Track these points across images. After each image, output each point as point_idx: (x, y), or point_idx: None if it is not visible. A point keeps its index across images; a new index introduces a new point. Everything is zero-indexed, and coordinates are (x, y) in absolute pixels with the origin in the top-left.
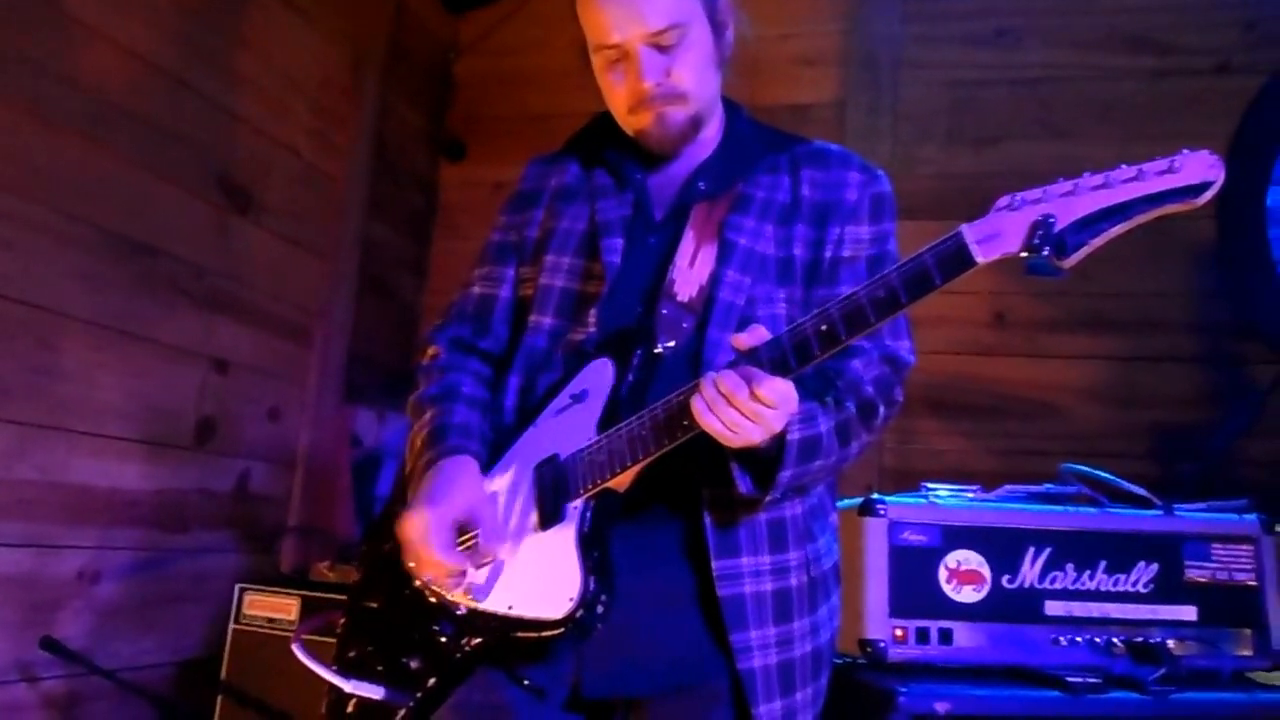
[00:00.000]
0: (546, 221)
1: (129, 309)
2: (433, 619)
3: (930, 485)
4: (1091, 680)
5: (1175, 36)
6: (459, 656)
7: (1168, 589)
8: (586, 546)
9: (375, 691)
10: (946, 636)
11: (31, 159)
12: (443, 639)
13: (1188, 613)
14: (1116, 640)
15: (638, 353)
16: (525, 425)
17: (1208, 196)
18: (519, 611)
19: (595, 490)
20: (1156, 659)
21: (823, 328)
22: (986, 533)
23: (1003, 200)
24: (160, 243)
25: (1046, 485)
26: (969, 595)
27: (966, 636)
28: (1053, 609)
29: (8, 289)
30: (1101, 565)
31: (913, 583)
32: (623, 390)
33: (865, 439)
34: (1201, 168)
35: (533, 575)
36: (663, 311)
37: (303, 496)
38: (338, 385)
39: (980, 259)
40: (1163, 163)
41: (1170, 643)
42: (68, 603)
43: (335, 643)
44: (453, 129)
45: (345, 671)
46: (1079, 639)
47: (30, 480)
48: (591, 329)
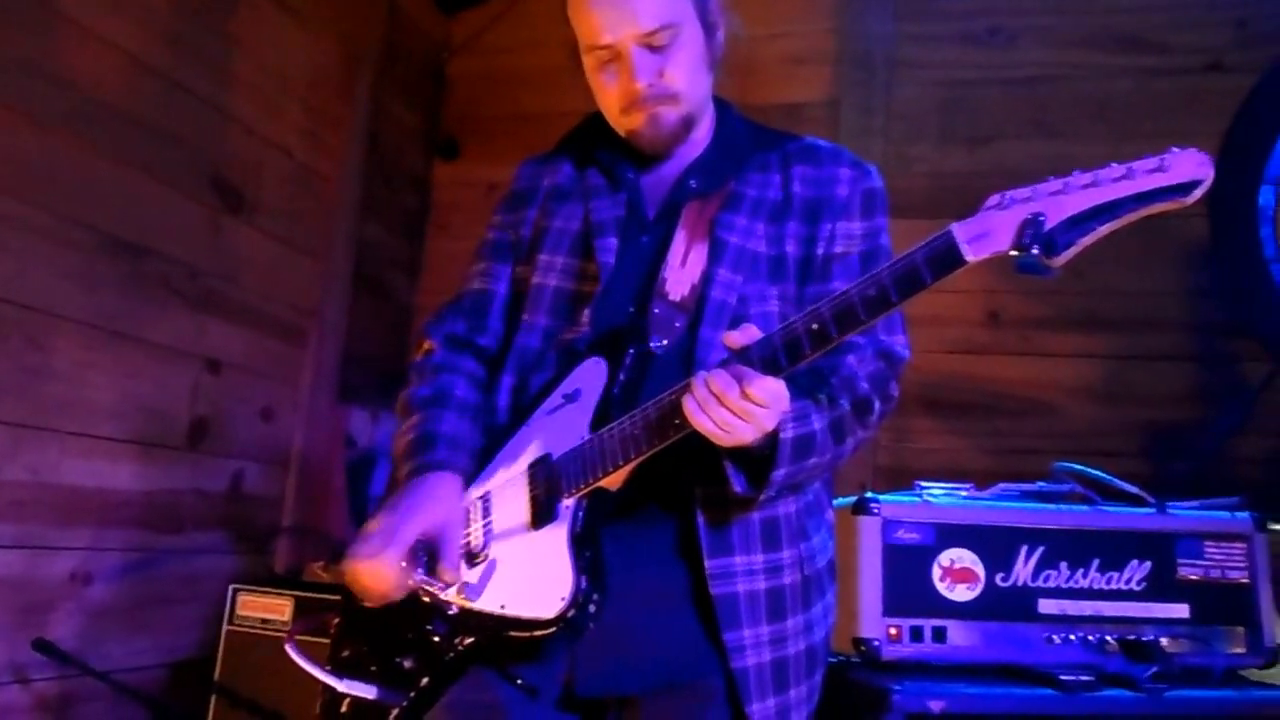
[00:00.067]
0: (540, 221)
1: (121, 309)
2: (425, 618)
3: (924, 484)
4: (1085, 678)
5: (1167, 35)
6: (452, 656)
7: (1161, 587)
8: (579, 546)
9: (368, 691)
10: (940, 635)
11: (23, 159)
12: (435, 638)
13: (1181, 611)
14: (1110, 638)
15: (630, 352)
16: (518, 425)
17: (1197, 195)
18: (511, 611)
19: (587, 489)
20: (1150, 657)
21: (814, 326)
22: (980, 531)
23: (992, 199)
24: (152, 242)
25: (1040, 484)
26: (963, 594)
27: (960, 635)
28: (1046, 607)
29: None
30: (1095, 563)
31: (907, 581)
32: (615, 390)
33: (861, 435)
34: (1191, 166)
35: (525, 575)
36: (655, 311)
37: (296, 497)
38: (331, 385)
39: (970, 258)
40: (1152, 161)
41: (1163, 641)
42: (60, 604)
43: (329, 643)
44: (446, 128)
45: (338, 671)
46: (1072, 637)
47: (21, 481)
48: (584, 329)
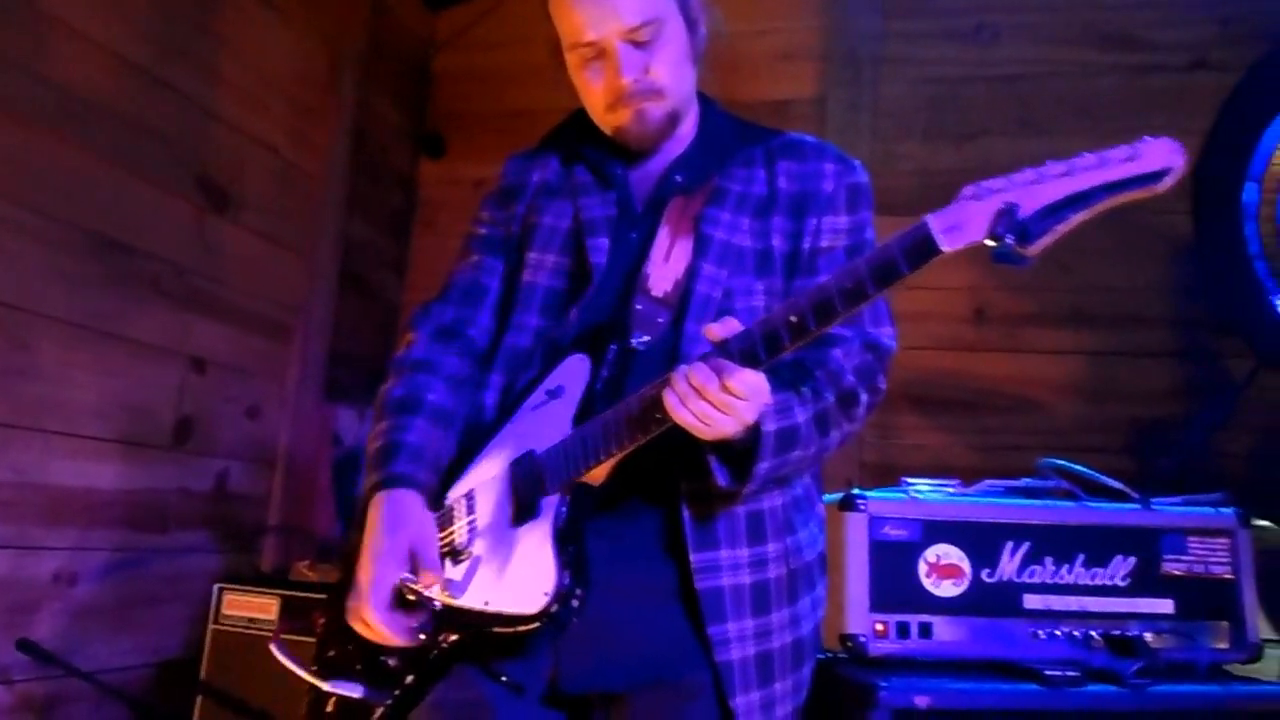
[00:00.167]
0: (528, 217)
1: (106, 308)
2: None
3: (910, 480)
4: (1070, 673)
5: (1151, 33)
6: (436, 654)
7: (1145, 582)
8: (562, 541)
9: (354, 690)
10: (926, 631)
11: (7, 157)
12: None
13: (1165, 606)
14: (1095, 634)
15: (612, 348)
16: (502, 422)
17: (1168, 183)
18: (495, 607)
19: (570, 484)
20: (1134, 652)
21: (792, 318)
22: (966, 527)
23: (967, 190)
24: (137, 241)
25: (1025, 480)
26: (949, 589)
27: (946, 630)
28: (1031, 603)
29: None
30: (1079, 559)
31: (893, 577)
32: (598, 385)
33: (847, 428)
34: (1163, 154)
35: (508, 571)
36: (637, 307)
37: (283, 496)
38: (317, 383)
39: (946, 248)
40: (1125, 150)
41: (1148, 636)
42: (45, 604)
43: (314, 642)
44: (432, 126)
45: (324, 671)
46: (1057, 632)
47: (5, 481)
48: (570, 327)
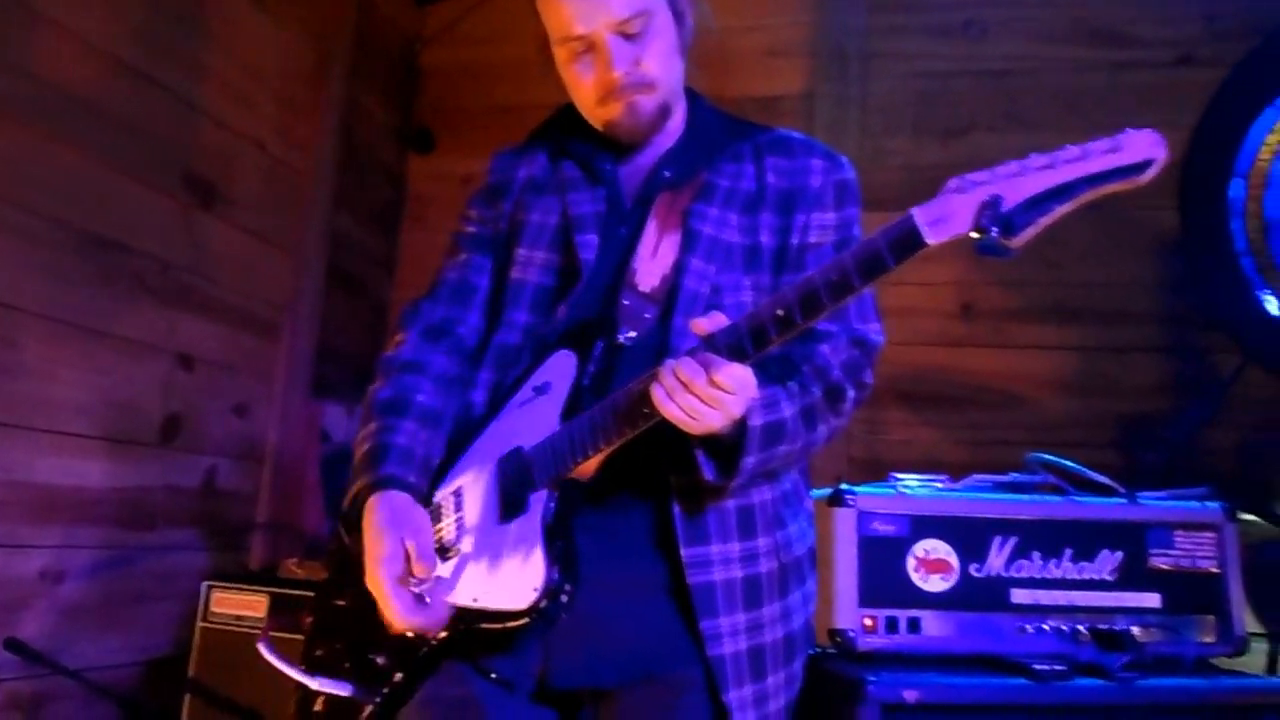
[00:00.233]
0: (516, 214)
1: (92, 305)
2: None
3: (899, 476)
4: (1057, 668)
5: (1138, 29)
6: (425, 651)
7: (1132, 576)
8: (550, 536)
9: (342, 689)
10: (915, 625)
11: None
12: (409, 634)
13: (1152, 600)
14: (1082, 628)
15: (599, 344)
16: (490, 419)
17: (1150, 174)
18: (484, 603)
19: (559, 480)
20: (1121, 646)
21: (779, 312)
22: (954, 522)
23: (952, 183)
24: (123, 237)
25: (1013, 475)
26: (937, 584)
27: (935, 625)
28: (1019, 597)
29: None
30: (1067, 553)
31: (882, 572)
32: (585, 381)
33: (834, 423)
34: (1144, 146)
35: (497, 567)
36: (624, 302)
37: (271, 493)
38: (306, 380)
39: (930, 240)
40: (1107, 142)
41: (1135, 630)
42: (31, 602)
43: (302, 640)
44: (420, 121)
45: (312, 669)
46: (1045, 627)
47: None
48: (560, 323)
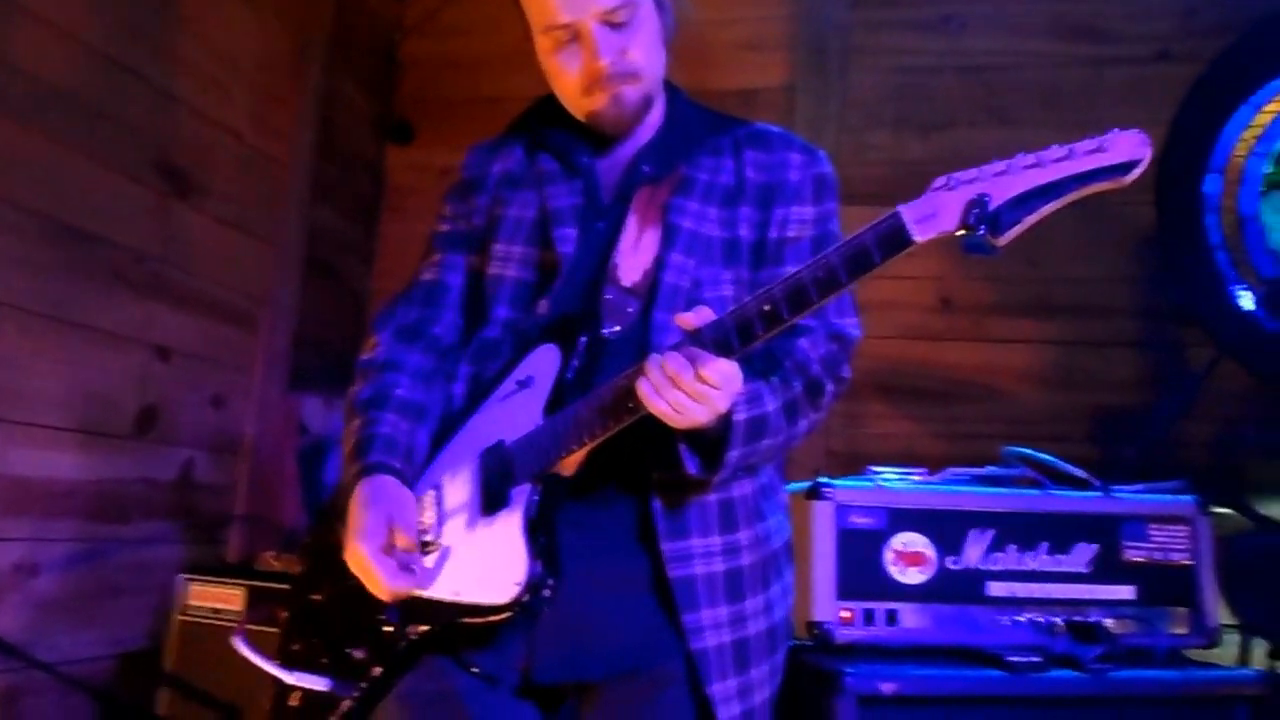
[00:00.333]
0: (493, 209)
1: (66, 295)
2: (377, 608)
3: (876, 469)
4: (1032, 659)
5: (1117, 25)
6: (405, 645)
7: (1107, 569)
8: (533, 531)
9: (319, 683)
10: (892, 618)
11: None
12: (388, 628)
13: (1126, 592)
14: (1057, 620)
15: (582, 338)
16: (471, 413)
17: (1135, 174)
18: (466, 597)
19: (542, 474)
20: (1095, 638)
21: (765, 308)
22: (931, 515)
23: (939, 181)
24: (98, 228)
25: (990, 468)
26: (914, 577)
27: (912, 618)
28: (995, 590)
29: None
30: (1043, 546)
31: (859, 565)
32: (568, 375)
33: (813, 417)
34: (1130, 146)
35: (479, 561)
36: (607, 296)
37: (248, 485)
38: (283, 372)
39: (918, 238)
40: (1092, 142)
41: (1109, 622)
42: (5, 595)
43: (280, 634)
44: (399, 111)
45: (288, 664)
46: (1021, 619)
47: None
48: (540, 317)
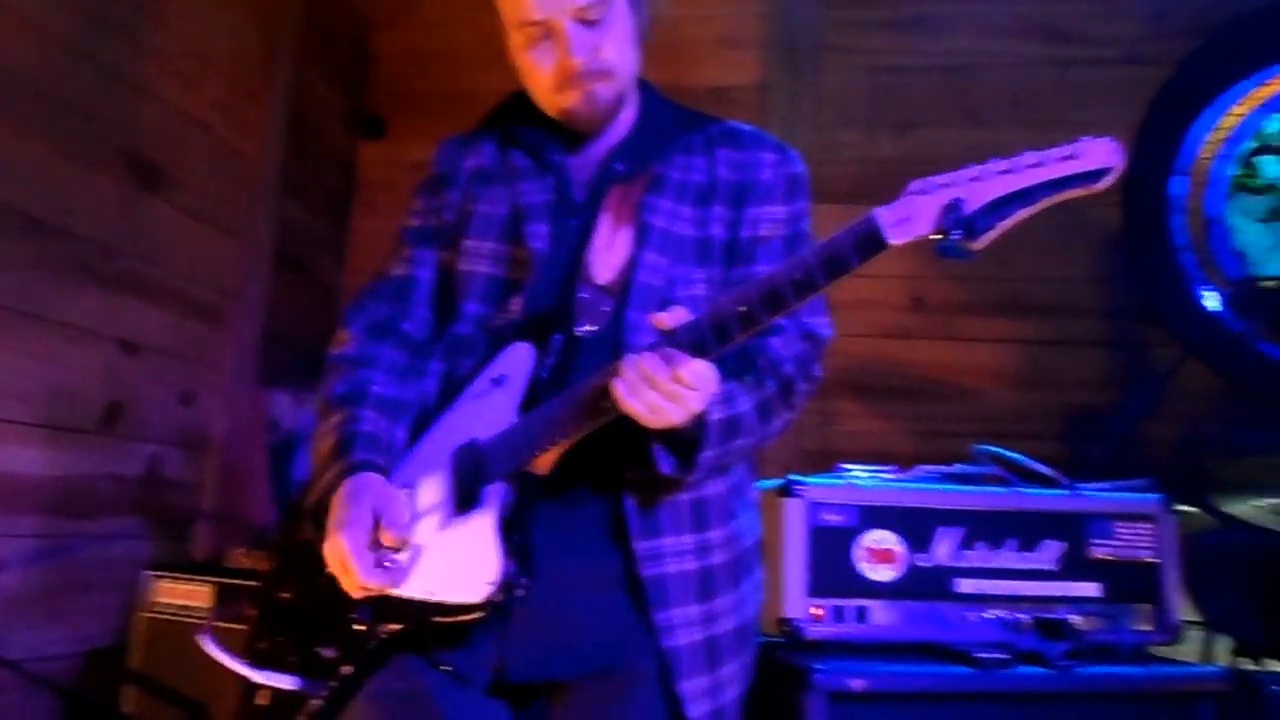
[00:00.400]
0: (463, 204)
1: (33, 290)
2: (348, 606)
3: (846, 466)
4: (1000, 656)
5: (1087, 26)
6: (376, 644)
7: (1073, 566)
8: (506, 530)
9: (288, 682)
10: (862, 615)
11: None
12: (359, 626)
13: (1092, 589)
14: (1024, 616)
15: (557, 336)
16: (444, 411)
17: (1107, 181)
18: (438, 596)
19: (515, 473)
20: (1061, 635)
21: (741, 309)
22: (901, 513)
23: (914, 185)
24: (64, 221)
25: (959, 466)
26: (884, 574)
27: (882, 615)
28: (964, 587)
29: None
30: (1011, 544)
31: (830, 562)
32: (543, 374)
33: (786, 416)
34: (1102, 154)
35: (452, 560)
36: (581, 295)
37: (217, 481)
38: (253, 367)
39: (894, 241)
40: (1065, 149)
41: (1075, 618)
42: None
43: (248, 632)
44: (372, 106)
45: (256, 662)
46: (989, 616)
47: None
48: (514, 315)
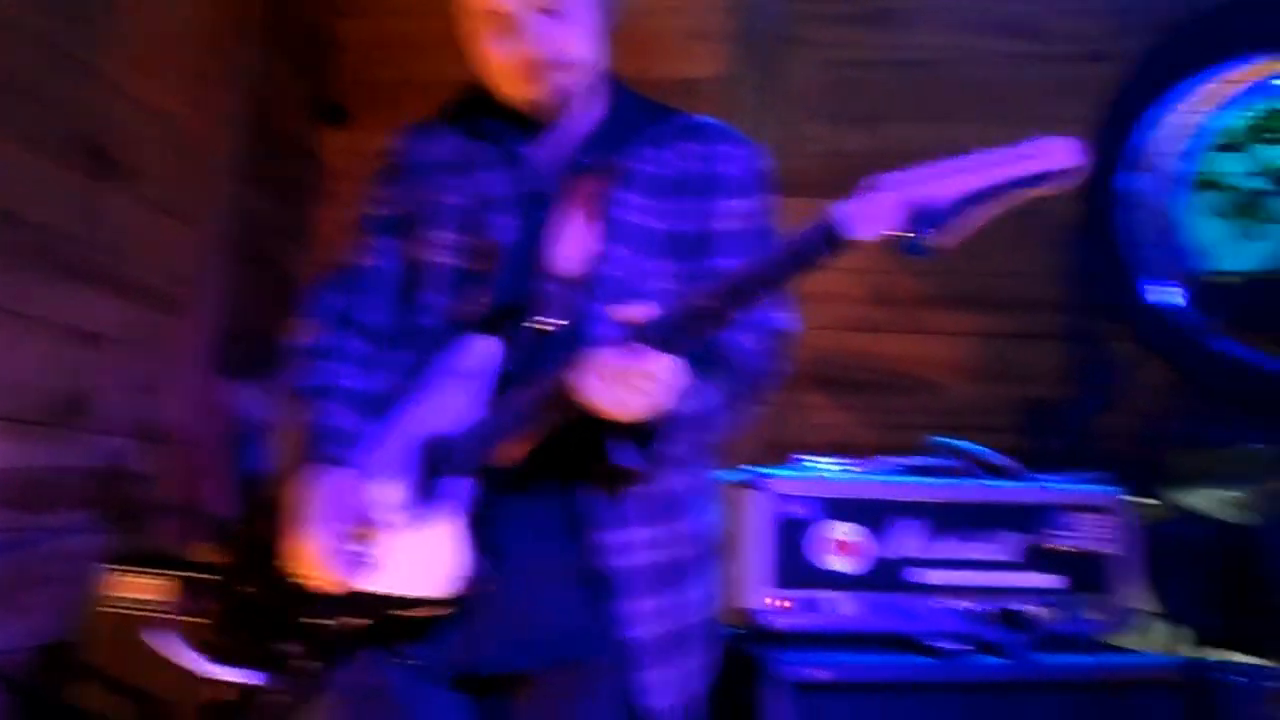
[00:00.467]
0: (425, 194)
1: None
2: (311, 601)
3: (811, 458)
4: (961, 646)
5: (1049, 22)
6: (340, 639)
7: (1032, 557)
8: (471, 523)
9: (248, 678)
10: (826, 606)
11: None
12: (323, 622)
13: (1050, 580)
14: (985, 607)
15: (522, 329)
16: (410, 404)
17: (1069, 181)
18: (403, 591)
19: (482, 466)
20: (1021, 625)
21: (707, 304)
22: (865, 505)
23: (876, 181)
24: (21, 209)
25: (921, 458)
26: (848, 565)
27: (845, 606)
28: (926, 577)
29: None
30: (972, 535)
31: (794, 554)
32: (509, 367)
33: (748, 410)
34: (1063, 154)
35: (418, 554)
36: (547, 288)
37: (177, 474)
38: (214, 359)
39: (855, 238)
40: (1025, 148)
41: (1035, 609)
42: None
43: (207, 628)
44: (335, 94)
45: (216, 658)
46: (951, 606)
47: None
48: (480, 307)
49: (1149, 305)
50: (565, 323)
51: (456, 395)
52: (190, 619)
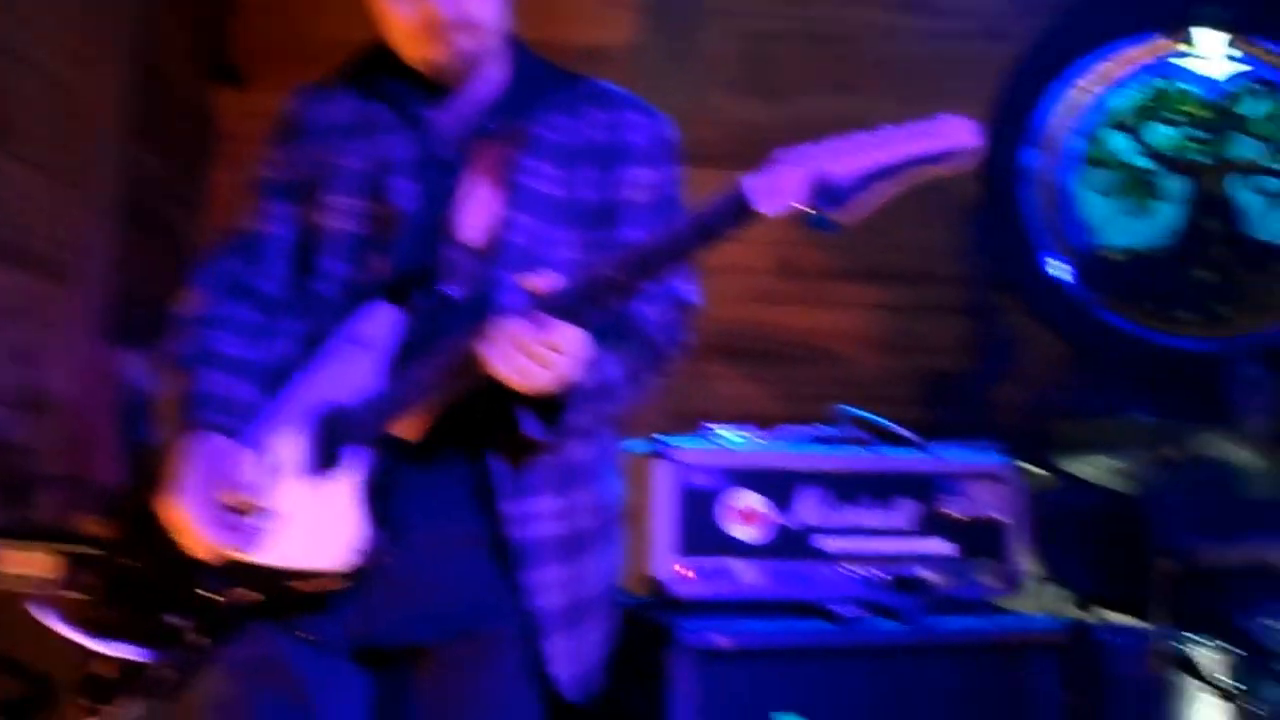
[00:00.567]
0: (322, 157)
1: None
2: (200, 573)
3: (712, 427)
4: (858, 612)
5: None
6: (230, 612)
7: (927, 524)
8: (368, 494)
9: (134, 652)
10: (729, 574)
11: None
12: (212, 595)
13: (944, 546)
14: (882, 573)
15: (424, 298)
16: (306, 373)
17: (967, 160)
18: (296, 562)
19: (380, 437)
20: (915, 589)
21: (612, 275)
22: (767, 474)
23: (782, 154)
24: None
25: (822, 427)
26: (750, 534)
27: (748, 573)
28: (826, 545)
29: None
30: (869, 503)
31: (697, 523)
32: (411, 337)
33: (652, 381)
34: (961, 133)
35: (312, 525)
36: (449, 255)
37: (60, 445)
38: (100, 325)
39: (761, 211)
40: (924, 125)
41: (929, 574)
42: None
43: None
44: (231, 53)
45: (101, 633)
46: (849, 572)
47: None
48: (379, 274)
49: (1042, 279)
50: (463, 290)
51: (356, 365)
52: (74, 593)
